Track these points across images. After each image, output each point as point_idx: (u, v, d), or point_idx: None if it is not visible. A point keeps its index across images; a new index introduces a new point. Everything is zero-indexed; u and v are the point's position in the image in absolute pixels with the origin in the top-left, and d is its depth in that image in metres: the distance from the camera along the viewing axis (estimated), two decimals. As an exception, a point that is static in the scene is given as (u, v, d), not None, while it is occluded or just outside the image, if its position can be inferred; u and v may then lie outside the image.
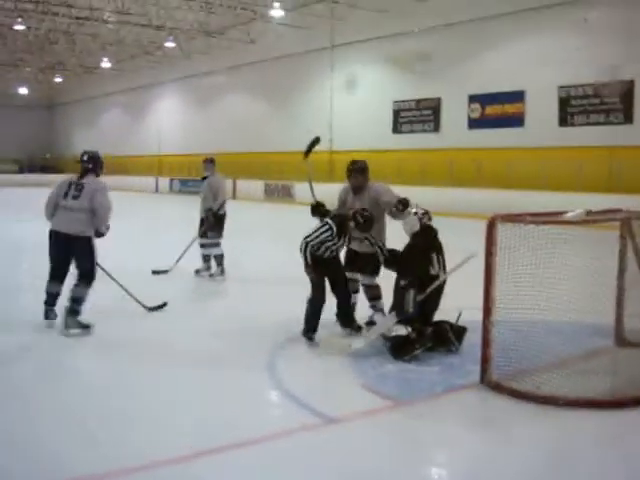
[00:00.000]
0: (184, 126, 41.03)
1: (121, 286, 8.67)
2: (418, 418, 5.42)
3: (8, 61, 42.57)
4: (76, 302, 7.58)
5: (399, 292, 6.88)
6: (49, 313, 7.78)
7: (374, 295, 7.88)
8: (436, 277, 6.99)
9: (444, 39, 25.51)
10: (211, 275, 11.21)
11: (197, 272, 11.32)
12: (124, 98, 47.93)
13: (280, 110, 33.66)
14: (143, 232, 18.94)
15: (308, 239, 7.18)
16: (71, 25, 33.11)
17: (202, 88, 39.24)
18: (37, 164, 55.58)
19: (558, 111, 22.56)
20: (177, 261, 11.36)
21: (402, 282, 6.88)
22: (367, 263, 7.71)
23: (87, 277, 7.63)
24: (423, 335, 6.89)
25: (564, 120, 22.48)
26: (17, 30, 32.93)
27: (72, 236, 7.54)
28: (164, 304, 8.88)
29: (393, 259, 7.36)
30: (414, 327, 6.83)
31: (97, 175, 7.89)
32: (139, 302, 8.70)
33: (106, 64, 41.16)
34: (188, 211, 11.74)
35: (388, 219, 7.69)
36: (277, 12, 28.11)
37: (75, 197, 7.58)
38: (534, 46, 22.88)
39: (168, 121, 42.98)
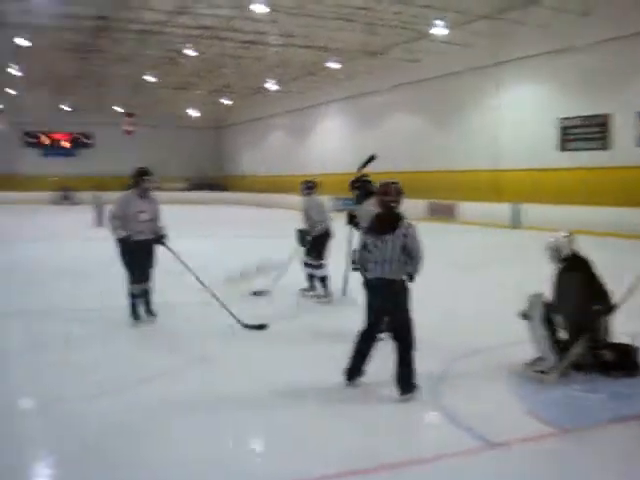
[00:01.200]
0: (347, 146, 41.38)
1: (218, 299, 9.25)
2: (583, 447, 5.20)
3: (180, 84, 44.50)
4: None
5: (590, 316, 6.66)
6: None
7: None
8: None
9: (611, 53, 24.53)
10: (317, 296, 11.19)
11: (302, 291, 11.36)
12: (288, 119, 49.00)
13: (443, 129, 33.34)
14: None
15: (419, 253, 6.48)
16: (238, 49, 34.22)
17: (365, 108, 39.50)
18: (206, 183, 57.77)
19: None
20: (276, 281, 11.42)
21: (597, 307, 6.66)
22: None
23: None
24: (602, 359, 6.67)
25: None
26: (188, 55, 34.30)
27: None
28: (264, 325, 8.93)
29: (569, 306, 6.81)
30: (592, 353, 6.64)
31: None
32: (235, 317, 8.99)
33: (271, 86, 42.16)
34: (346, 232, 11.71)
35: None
36: (440, 30, 27.82)
37: None
38: None
39: (331, 141, 43.54)
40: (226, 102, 50.36)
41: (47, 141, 56.83)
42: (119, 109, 52.16)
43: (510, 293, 9.21)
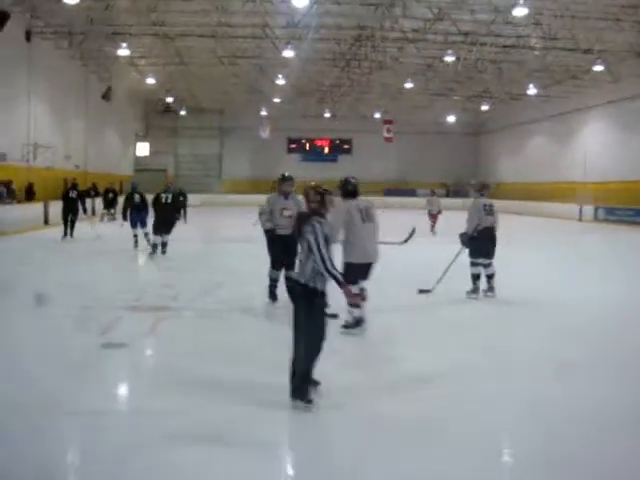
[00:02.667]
0: (612, 152, 39.19)
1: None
2: None
3: (439, 91, 44.54)
4: None
5: None
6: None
7: None
8: None
9: None
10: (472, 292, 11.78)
11: (467, 293, 11.78)
12: (549, 124, 47.30)
13: None
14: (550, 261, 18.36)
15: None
16: (498, 54, 33.59)
17: (632, 112, 37.11)
18: (462, 189, 57.35)
19: None
20: (439, 281, 11.65)
21: None
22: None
23: None
24: None
25: None
26: (447, 61, 34.17)
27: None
28: (335, 315, 8.73)
29: None
30: None
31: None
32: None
33: (532, 90, 40.98)
34: (609, 243, 11.08)
35: None
36: None
37: None
38: None
39: (595, 147, 41.43)
40: (484, 108, 49.66)
41: (308, 147, 59.27)
42: (378, 116, 53.13)
43: None
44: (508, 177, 52.86)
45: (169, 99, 50.08)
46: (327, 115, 54.51)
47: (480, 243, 11.51)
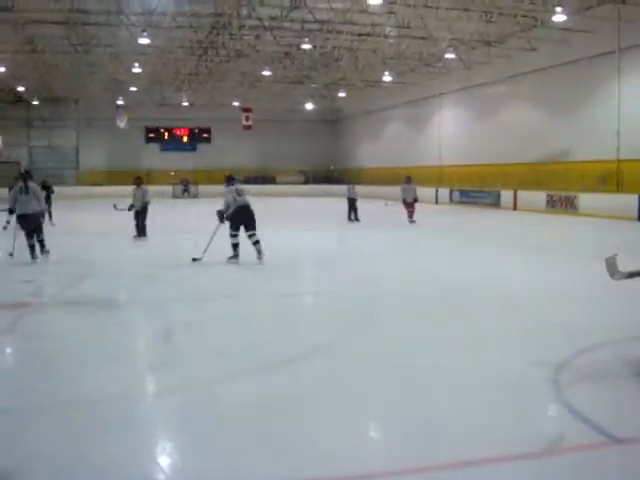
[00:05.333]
0: (464, 137, 40.69)
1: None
2: None
3: (295, 78, 44.81)
4: None
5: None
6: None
7: None
8: None
9: None
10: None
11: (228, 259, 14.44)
12: (405, 110, 48.58)
13: (562, 118, 32.08)
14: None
15: None
16: (354, 42, 34.14)
17: (482, 98, 38.65)
18: (322, 175, 58.07)
19: None
20: (205, 250, 14.32)
21: None
22: None
23: None
24: None
25: None
26: (304, 49, 34.47)
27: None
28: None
29: None
30: None
31: None
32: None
33: (387, 78, 41.94)
34: (461, 221, 11.52)
35: None
36: (559, 17, 26.88)
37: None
38: None
39: (448, 132, 42.89)
40: (342, 95, 50.38)
41: (167, 136, 58.51)
42: (236, 104, 53.01)
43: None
44: (368, 162, 53.88)
45: (20, 88, 48.20)
46: (185, 104, 53.94)
47: (236, 218, 14.16)
